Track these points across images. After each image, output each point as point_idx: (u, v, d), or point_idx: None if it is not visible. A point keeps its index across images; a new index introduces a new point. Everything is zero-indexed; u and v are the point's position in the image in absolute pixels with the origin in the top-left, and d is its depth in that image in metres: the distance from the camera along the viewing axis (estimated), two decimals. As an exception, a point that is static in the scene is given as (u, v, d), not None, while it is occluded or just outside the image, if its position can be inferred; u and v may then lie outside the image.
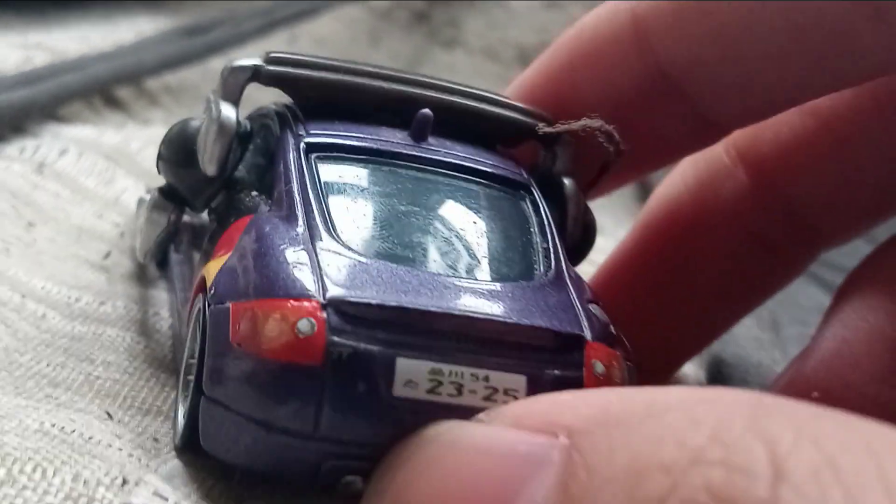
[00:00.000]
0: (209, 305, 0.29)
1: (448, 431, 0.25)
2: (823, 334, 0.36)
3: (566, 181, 0.35)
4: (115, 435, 0.30)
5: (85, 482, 0.28)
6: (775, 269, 0.41)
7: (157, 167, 0.35)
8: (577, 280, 0.32)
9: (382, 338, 0.27)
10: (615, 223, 0.55)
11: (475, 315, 0.28)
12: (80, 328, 0.36)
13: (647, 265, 0.41)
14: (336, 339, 0.27)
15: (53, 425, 0.30)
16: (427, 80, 0.34)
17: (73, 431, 0.30)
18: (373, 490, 0.26)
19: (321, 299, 0.27)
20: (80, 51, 0.57)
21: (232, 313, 0.28)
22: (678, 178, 0.41)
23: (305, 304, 0.27)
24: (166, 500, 0.28)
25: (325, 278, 0.28)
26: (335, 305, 0.27)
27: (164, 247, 0.38)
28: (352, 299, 0.27)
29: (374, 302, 0.27)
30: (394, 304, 0.28)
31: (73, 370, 0.34)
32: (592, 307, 0.31)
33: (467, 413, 0.27)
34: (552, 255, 0.32)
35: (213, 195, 0.34)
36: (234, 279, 0.29)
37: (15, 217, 0.42)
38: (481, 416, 0.26)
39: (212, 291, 0.30)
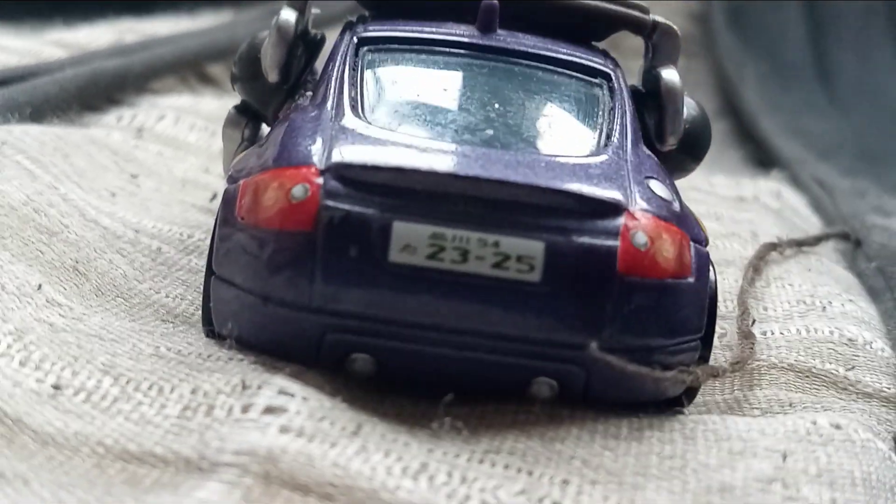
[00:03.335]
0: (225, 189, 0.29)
1: None
2: None
3: (664, 73, 0.32)
4: (237, 351, 0.28)
5: (205, 393, 0.26)
6: None
7: (233, 86, 0.35)
8: (643, 160, 0.29)
9: (380, 201, 0.26)
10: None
11: (484, 176, 0.26)
12: (196, 261, 0.35)
13: None
14: (329, 202, 0.26)
15: (169, 349, 0.28)
16: None
17: (191, 353, 0.28)
18: None
19: (321, 165, 0.26)
20: (170, 32, 0.56)
21: (241, 189, 0.28)
22: None
23: (304, 170, 0.26)
24: (292, 395, 0.25)
25: (333, 147, 0.27)
26: (334, 170, 0.26)
27: None
28: (349, 161, 0.26)
29: (370, 163, 0.26)
30: (393, 165, 0.26)
31: (191, 304, 0.32)
32: (653, 182, 0.28)
33: (473, 282, 0.26)
34: (615, 136, 0.29)
35: (281, 105, 0.33)
36: (249, 161, 0.29)
37: (117, 171, 0.41)
38: None
39: (228, 174, 0.29)
